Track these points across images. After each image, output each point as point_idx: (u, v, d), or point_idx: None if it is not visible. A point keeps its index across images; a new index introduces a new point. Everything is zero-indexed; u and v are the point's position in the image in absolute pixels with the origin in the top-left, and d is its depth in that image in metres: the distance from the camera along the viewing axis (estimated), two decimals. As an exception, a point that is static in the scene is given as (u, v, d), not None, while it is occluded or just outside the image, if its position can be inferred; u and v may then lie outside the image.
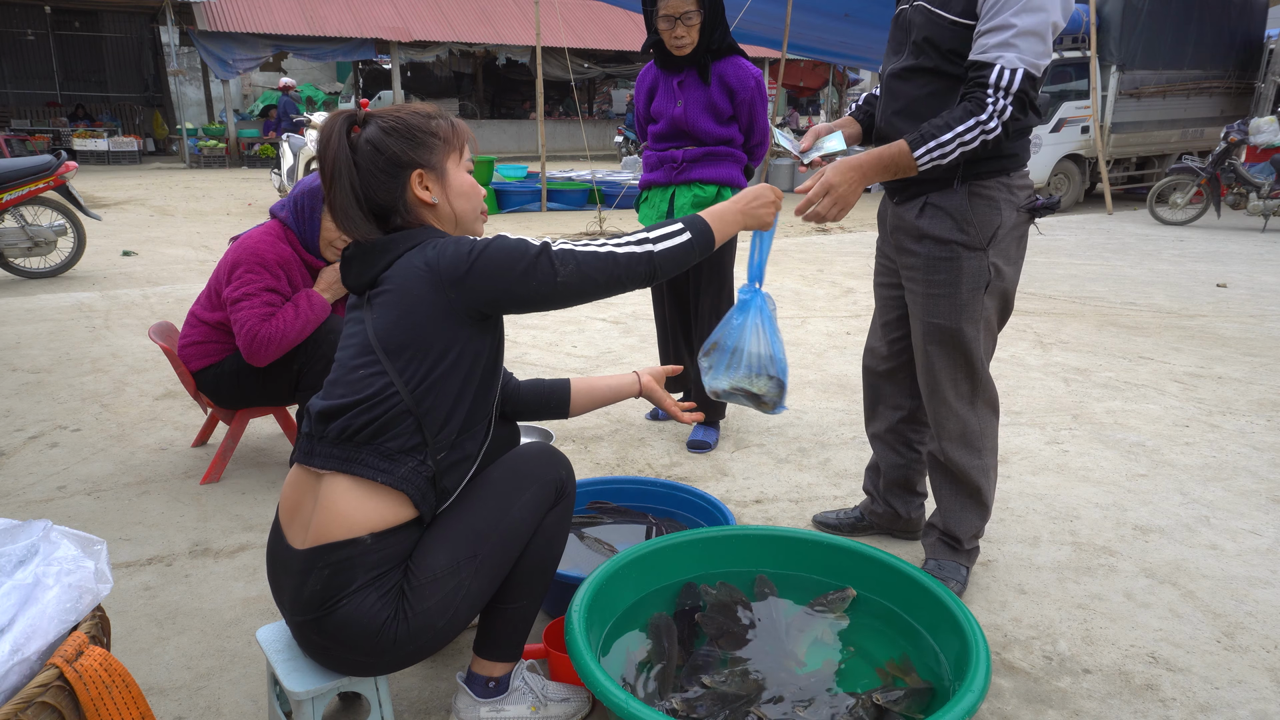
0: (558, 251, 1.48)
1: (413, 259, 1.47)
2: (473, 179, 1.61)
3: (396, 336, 1.46)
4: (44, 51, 21.76)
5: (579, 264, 1.48)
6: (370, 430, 1.45)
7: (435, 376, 1.46)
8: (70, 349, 4.56)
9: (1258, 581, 2.36)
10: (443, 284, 1.44)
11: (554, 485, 1.61)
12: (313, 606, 1.43)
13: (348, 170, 1.49)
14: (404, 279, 1.46)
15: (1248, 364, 4.49)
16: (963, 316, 2.05)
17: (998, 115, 1.83)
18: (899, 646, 1.84)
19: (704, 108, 2.99)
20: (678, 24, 2.86)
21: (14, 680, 1.18)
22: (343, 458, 1.45)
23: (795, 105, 25.32)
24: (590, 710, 1.77)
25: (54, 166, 6.18)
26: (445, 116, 1.58)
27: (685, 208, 3.07)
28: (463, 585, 1.48)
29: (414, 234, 1.52)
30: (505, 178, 12.17)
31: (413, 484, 1.46)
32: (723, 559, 2.03)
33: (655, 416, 3.52)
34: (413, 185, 1.52)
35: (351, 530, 1.43)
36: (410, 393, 1.45)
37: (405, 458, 1.45)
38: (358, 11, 19.79)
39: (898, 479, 2.46)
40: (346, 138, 1.50)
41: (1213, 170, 9.81)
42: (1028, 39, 1.81)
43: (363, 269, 1.52)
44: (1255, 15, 12.98)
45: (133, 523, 2.64)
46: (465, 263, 1.44)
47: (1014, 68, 1.81)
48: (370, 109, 1.57)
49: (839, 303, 5.99)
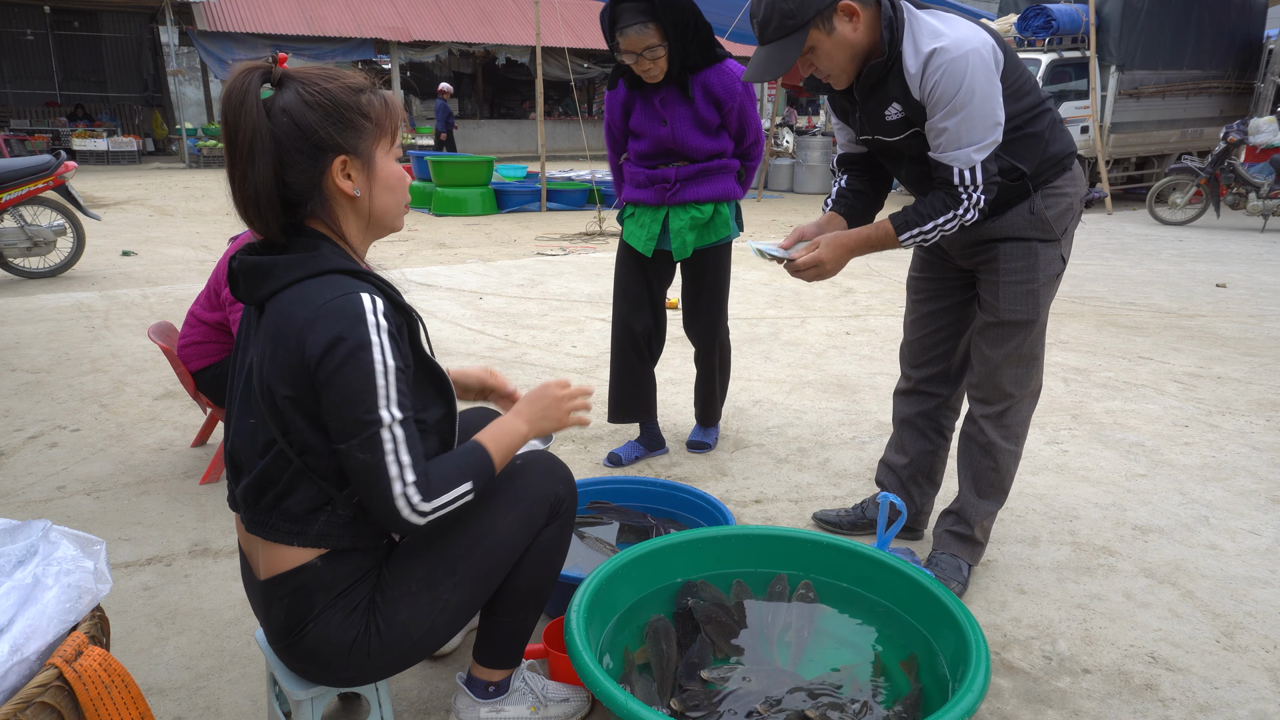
0: (381, 436, 1.25)
1: (289, 305, 1.27)
2: (400, 168, 1.40)
3: (278, 387, 1.28)
4: (43, 51, 21.74)
5: (368, 463, 1.25)
6: (270, 497, 1.34)
7: (321, 440, 1.30)
8: (70, 349, 4.56)
9: (1257, 581, 2.36)
10: (305, 353, 1.25)
11: (548, 502, 1.53)
12: (282, 635, 1.40)
13: (270, 147, 1.25)
14: (279, 326, 1.27)
15: (1247, 364, 4.49)
16: (1037, 307, 2.10)
17: (974, 207, 1.96)
18: (899, 647, 1.84)
19: (692, 124, 2.74)
20: (640, 59, 2.58)
21: (13, 680, 1.18)
22: (256, 522, 1.37)
23: (795, 105, 25.34)
24: (590, 710, 1.77)
25: (53, 166, 6.17)
26: (377, 92, 1.35)
27: (682, 231, 2.83)
28: (440, 599, 1.43)
29: (301, 261, 1.29)
30: (505, 178, 12.17)
31: (331, 536, 1.36)
32: (723, 559, 2.03)
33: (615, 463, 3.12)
34: (334, 172, 1.30)
35: (296, 560, 1.37)
36: (301, 456, 1.32)
37: (314, 516, 1.35)
38: (357, 11, 19.78)
39: (923, 466, 2.48)
40: (262, 105, 1.25)
41: (1212, 170, 9.81)
42: (968, 128, 1.86)
43: (249, 289, 1.33)
44: (1255, 15, 12.99)
45: (132, 523, 2.64)
46: (324, 348, 1.23)
47: (969, 165, 1.90)
48: (287, 66, 1.32)
49: (839, 303, 5.99)
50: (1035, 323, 2.11)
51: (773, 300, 6.04)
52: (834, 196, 2.30)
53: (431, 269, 7.20)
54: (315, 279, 1.28)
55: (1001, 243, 2.09)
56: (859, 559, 1.97)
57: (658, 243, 2.91)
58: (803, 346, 4.80)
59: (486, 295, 6.13)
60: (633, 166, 2.92)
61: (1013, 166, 1.97)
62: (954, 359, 2.37)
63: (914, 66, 1.86)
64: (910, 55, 1.87)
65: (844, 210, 2.26)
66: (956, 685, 1.56)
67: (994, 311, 2.12)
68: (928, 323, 2.36)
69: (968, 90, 1.82)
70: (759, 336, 5.01)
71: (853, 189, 2.28)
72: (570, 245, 8.71)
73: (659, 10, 2.51)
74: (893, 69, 1.91)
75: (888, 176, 2.31)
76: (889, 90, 1.94)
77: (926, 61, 1.84)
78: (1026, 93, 1.98)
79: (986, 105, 1.85)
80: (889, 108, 1.97)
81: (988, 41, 1.87)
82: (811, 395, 3.94)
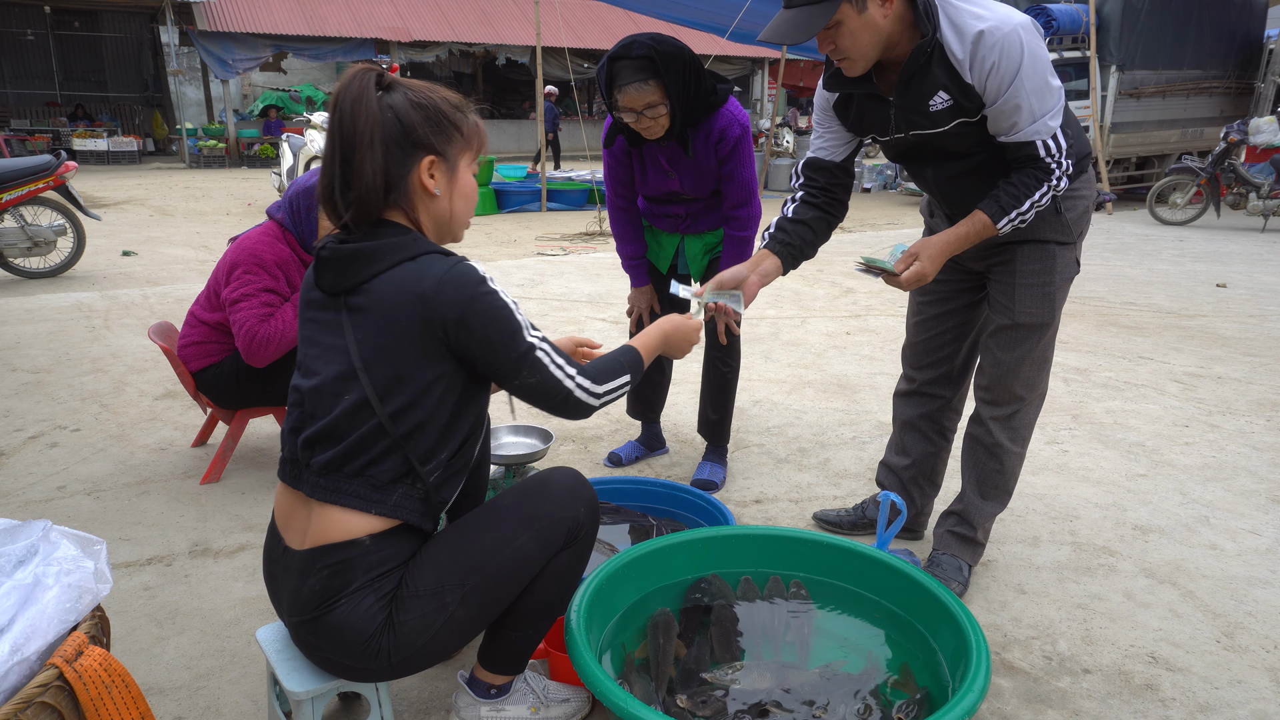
0: (537, 357, 1.45)
1: (402, 282, 1.38)
2: (475, 183, 1.55)
3: (382, 365, 1.39)
4: (44, 51, 21.74)
5: (540, 381, 1.46)
6: (357, 465, 1.41)
7: (424, 409, 1.41)
8: (70, 349, 4.56)
9: (1257, 581, 2.36)
10: (434, 321, 1.37)
11: (566, 525, 1.53)
12: (311, 606, 1.42)
13: (382, 135, 1.38)
14: (392, 301, 1.38)
15: (1247, 364, 4.49)
16: (1052, 310, 2.09)
17: (1065, 174, 1.92)
18: (899, 647, 1.85)
19: (698, 175, 2.64)
20: (641, 117, 2.44)
21: (14, 680, 1.18)
22: (330, 488, 1.41)
23: (795, 105, 25.34)
24: (590, 710, 1.77)
25: (54, 166, 6.17)
26: (472, 111, 1.51)
27: (698, 257, 2.84)
28: (445, 610, 1.44)
29: (402, 244, 1.41)
30: (505, 178, 12.16)
31: (405, 508, 1.43)
32: (723, 559, 2.03)
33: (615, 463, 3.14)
34: (421, 170, 1.42)
35: (350, 534, 1.41)
36: (398, 428, 1.40)
37: (395, 486, 1.42)
38: (357, 11, 19.79)
39: (925, 468, 2.48)
40: (378, 100, 1.39)
41: (1212, 170, 9.81)
42: (1039, 99, 1.84)
43: (341, 275, 1.42)
44: (1255, 15, 12.98)
45: (132, 523, 2.64)
46: (461, 310, 1.37)
47: (1050, 134, 1.88)
48: (396, 75, 1.47)
49: (839, 303, 5.99)
50: (1050, 326, 2.11)
51: (773, 300, 6.04)
52: (773, 229, 2.17)
53: (432, 269, 7.19)
54: (418, 260, 1.40)
55: (1020, 245, 2.07)
56: (859, 559, 1.97)
57: (672, 261, 2.91)
58: (803, 346, 4.80)
59: (487, 295, 6.12)
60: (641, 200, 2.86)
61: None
62: (958, 361, 2.36)
63: (960, 51, 1.83)
64: (954, 40, 1.83)
65: (778, 248, 2.12)
66: (956, 685, 1.56)
67: (1009, 314, 2.11)
68: (933, 325, 2.35)
69: (1030, 63, 1.80)
70: (759, 336, 5.01)
71: (798, 219, 2.17)
72: (570, 245, 8.71)
73: (660, 67, 2.37)
74: (934, 54, 1.86)
75: (844, 198, 2.22)
76: (933, 79, 1.88)
77: (976, 43, 1.81)
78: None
79: (1047, 73, 1.84)
80: (934, 97, 1.91)
81: (1025, 17, 1.85)
82: (812, 395, 3.94)
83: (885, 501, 2.14)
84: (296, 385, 1.50)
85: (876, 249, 2.11)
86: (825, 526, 2.62)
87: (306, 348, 1.49)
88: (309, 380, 1.46)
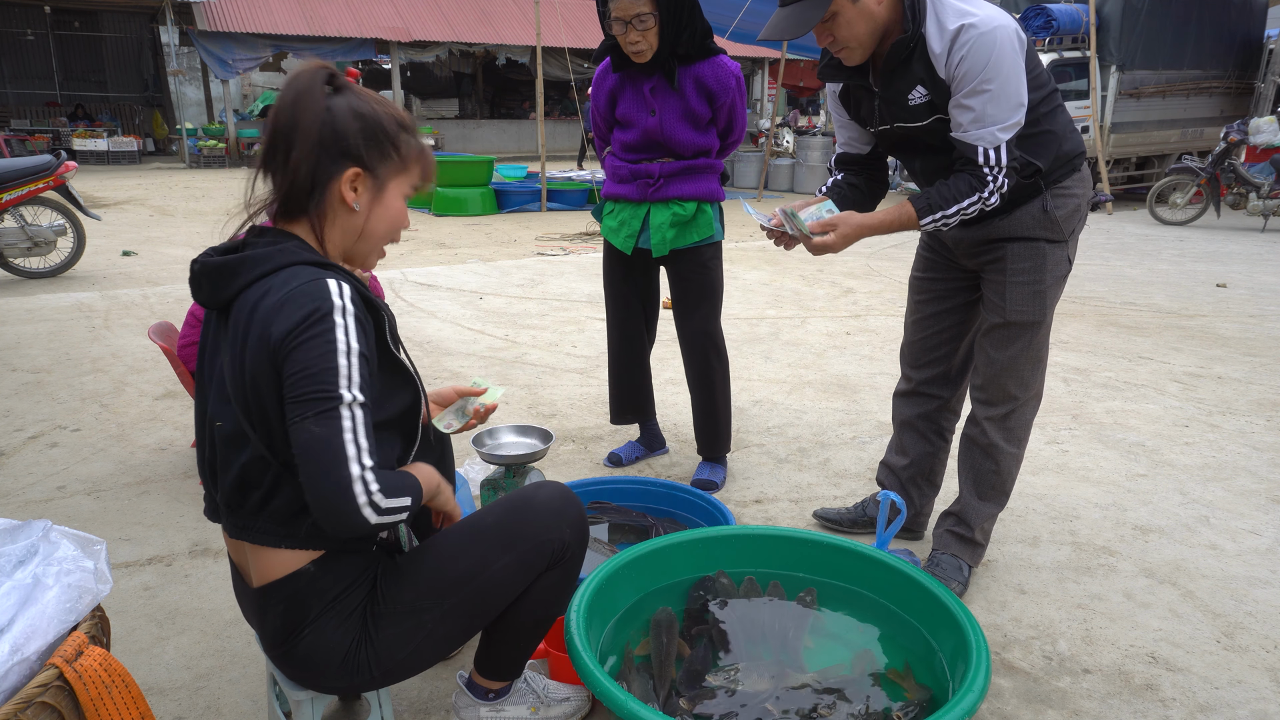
0: (340, 412, 1.20)
1: (258, 297, 1.26)
2: (405, 212, 1.44)
3: (247, 392, 1.26)
4: (44, 51, 21.73)
5: (325, 437, 1.19)
6: (255, 500, 1.31)
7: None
8: (70, 349, 4.56)
9: (1257, 581, 2.36)
10: (267, 339, 1.23)
11: (550, 549, 1.47)
12: (278, 642, 1.38)
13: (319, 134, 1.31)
14: (247, 319, 1.26)
15: (1247, 364, 4.49)
16: (1043, 308, 2.09)
17: (998, 190, 1.92)
18: (899, 647, 1.84)
19: (681, 116, 2.66)
20: (629, 28, 2.49)
21: (14, 680, 1.18)
22: (242, 526, 1.35)
23: (795, 105, 25.34)
24: (590, 710, 1.77)
25: (54, 166, 6.17)
26: (419, 139, 1.42)
27: (663, 227, 2.74)
28: (424, 626, 1.41)
29: (268, 255, 1.30)
30: (505, 178, 12.17)
31: (320, 537, 1.33)
32: (723, 559, 2.03)
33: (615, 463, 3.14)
34: (343, 180, 1.33)
35: (288, 566, 1.35)
36: (280, 458, 1.29)
37: (301, 516, 1.31)
38: (357, 11, 19.78)
39: (924, 469, 2.48)
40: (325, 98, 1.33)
41: (1212, 170, 9.81)
42: (994, 106, 1.84)
43: (212, 291, 1.32)
44: (1255, 15, 12.98)
45: (133, 523, 2.64)
46: (290, 325, 1.22)
47: (995, 145, 1.87)
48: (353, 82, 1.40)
49: (839, 303, 5.99)
50: (1041, 324, 2.10)
51: (773, 300, 6.04)
52: (828, 186, 2.25)
53: (432, 269, 7.20)
54: (283, 271, 1.29)
55: (1010, 242, 2.07)
56: (859, 559, 1.97)
57: (638, 240, 2.81)
58: (803, 346, 4.80)
59: (487, 295, 6.13)
60: (615, 160, 2.83)
61: (1028, 162, 1.95)
62: (955, 360, 2.36)
63: (939, 46, 1.84)
64: (935, 35, 1.85)
65: (837, 200, 2.21)
66: (956, 685, 1.56)
67: (1000, 312, 2.11)
68: (930, 324, 2.35)
69: (995, 65, 1.80)
70: (759, 336, 5.01)
71: (849, 183, 2.25)
72: (570, 245, 8.71)
73: None
74: (916, 50, 1.88)
75: (884, 179, 2.29)
76: (913, 72, 1.91)
77: (954, 37, 1.82)
78: (1042, 85, 1.97)
79: (1012, 84, 1.83)
80: (913, 91, 1.93)
81: (1013, 23, 1.85)
82: (812, 395, 3.94)
83: (885, 501, 2.13)
84: (196, 410, 1.42)
85: (808, 205, 2.12)
86: (825, 524, 2.62)
87: (198, 367, 1.41)
88: (199, 404, 1.40)
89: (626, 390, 3.06)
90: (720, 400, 2.92)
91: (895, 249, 8.39)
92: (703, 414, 2.94)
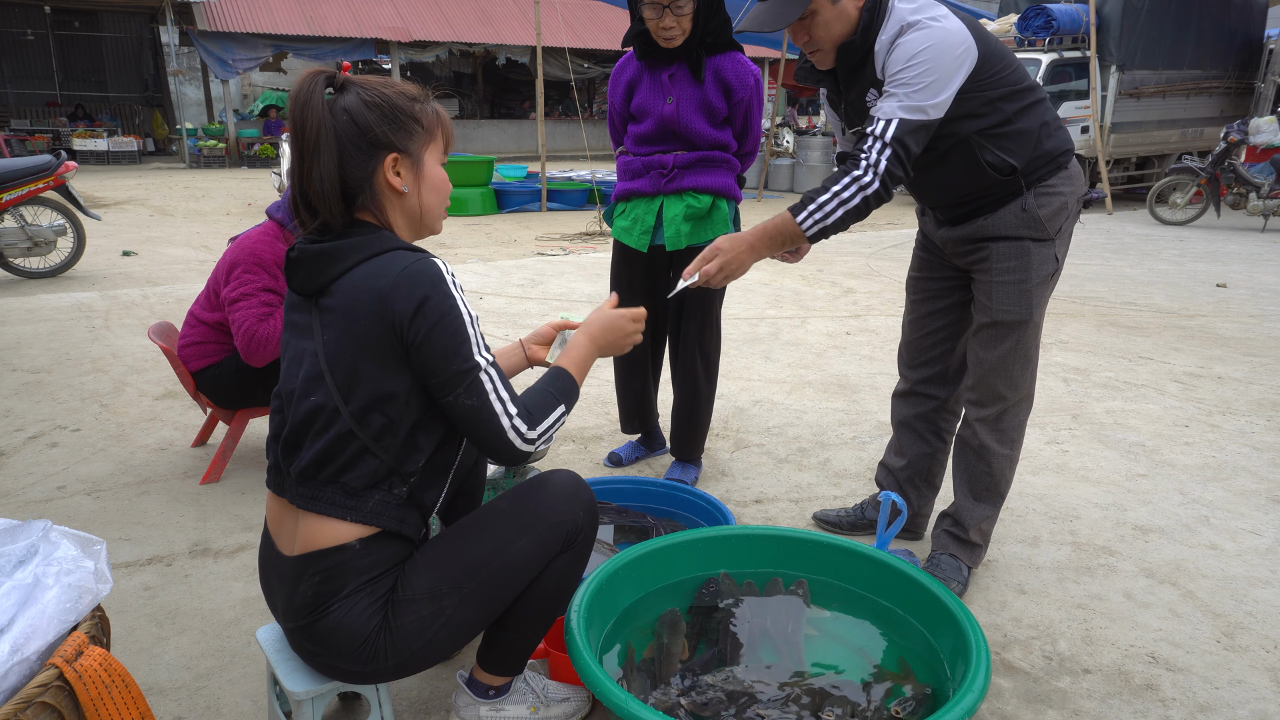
0: (480, 378, 1.38)
1: (365, 279, 1.36)
2: (444, 174, 1.51)
3: (346, 368, 1.37)
4: (44, 51, 21.73)
5: (476, 406, 1.38)
6: (330, 471, 1.39)
7: (391, 410, 1.38)
8: (70, 349, 4.56)
9: (1257, 581, 2.36)
10: (388, 318, 1.34)
11: (564, 529, 1.52)
12: (304, 612, 1.41)
13: (332, 141, 1.35)
14: (354, 299, 1.36)
15: (1247, 364, 4.49)
16: (1030, 307, 2.08)
17: (872, 168, 1.86)
18: (899, 647, 1.85)
19: (698, 106, 2.61)
20: (666, 12, 2.46)
21: (14, 680, 1.18)
22: (309, 496, 1.40)
23: (795, 105, 25.33)
24: (590, 710, 1.77)
25: (54, 166, 6.17)
26: (430, 101, 1.47)
27: (677, 219, 2.68)
28: (443, 613, 1.44)
29: (366, 242, 1.39)
30: (505, 178, 12.16)
31: (383, 515, 1.41)
32: (723, 559, 2.03)
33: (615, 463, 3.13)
34: (385, 169, 1.40)
35: (337, 539, 1.40)
36: (366, 431, 1.38)
37: (370, 492, 1.40)
38: (357, 11, 19.77)
39: (921, 469, 2.47)
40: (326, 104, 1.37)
41: (1212, 170, 9.81)
42: (907, 90, 1.83)
43: (310, 277, 1.41)
44: (1255, 15, 12.99)
45: (133, 523, 2.64)
46: (415, 304, 1.34)
47: (889, 117, 1.85)
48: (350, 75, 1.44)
49: (839, 303, 5.99)
50: (1029, 323, 2.09)
51: (773, 300, 6.04)
52: None
53: (432, 269, 7.19)
54: (381, 256, 1.38)
55: (994, 242, 2.07)
56: (859, 559, 1.97)
57: (652, 237, 2.75)
58: (803, 346, 4.80)
59: (487, 295, 6.13)
60: (627, 156, 2.78)
61: (1003, 162, 1.95)
62: (952, 360, 2.36)
63: (882, 47, 1.87)
64: (885, 37, 1.87)
65: None
66: (956, 685, 1.56)
67: (987, 312, 2.11)
68: (926, 323, 2.35)
69: (921, 57, 1.81)
70: (759, 336, 5.01)
71: None
72: (570, 245, 8.71)
73: None
74: (869, 55, 1.90)
75: None
76: (866, 77, 1.93)
77: (895, 37, 1.84)
78: (1014, 84, 1.96)
79: (933, 77, 1.81)
80: (867, 94, 1.95)
81: (965, 36, 1.85)
82: (812, 395, 3.94)
83: (886, 501, 2.13)
84: (277, 391, 1.49)
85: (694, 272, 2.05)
86: (825, 526, 2.62)
87: (284, 351, 1.48)
88: (286, 385, 1.46)
89: (635, 400, 3.03)
90: (703, 406, 2.90)
91: (895, 249, 8.39)
92: (682, 417, 2.92)
